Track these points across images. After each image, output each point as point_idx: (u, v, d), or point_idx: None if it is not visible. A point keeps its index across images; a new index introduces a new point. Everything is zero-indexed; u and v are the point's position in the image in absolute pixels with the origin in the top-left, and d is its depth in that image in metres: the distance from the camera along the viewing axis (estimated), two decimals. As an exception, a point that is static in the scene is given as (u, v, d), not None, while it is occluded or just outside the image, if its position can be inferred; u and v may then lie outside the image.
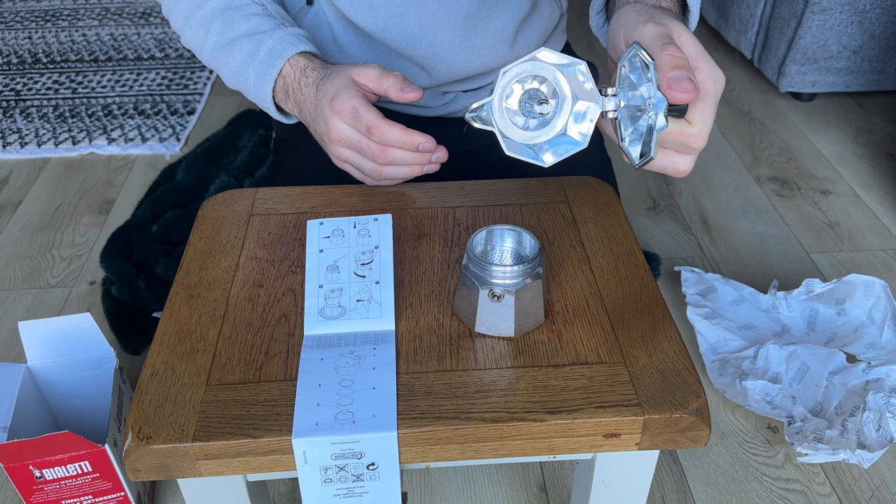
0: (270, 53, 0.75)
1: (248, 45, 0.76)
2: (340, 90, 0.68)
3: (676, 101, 0.53)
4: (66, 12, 2.36)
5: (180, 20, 0.81)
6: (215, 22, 0.78)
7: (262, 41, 0.76)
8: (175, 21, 0.83)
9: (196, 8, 0.79)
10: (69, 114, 1.80)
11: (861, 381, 0.99)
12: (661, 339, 0.59)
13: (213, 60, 0.80)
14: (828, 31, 1.66)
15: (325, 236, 0.64)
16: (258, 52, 0.75)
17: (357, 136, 0.69)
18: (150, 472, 0.53)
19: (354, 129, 0.68)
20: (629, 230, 0.71)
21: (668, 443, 0.54)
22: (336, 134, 0.69)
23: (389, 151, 0.68)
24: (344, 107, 0.68)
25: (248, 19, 0.77)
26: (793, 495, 0.93)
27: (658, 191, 1.53)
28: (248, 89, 0.78)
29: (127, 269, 1.26)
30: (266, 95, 0.76)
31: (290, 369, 0.57)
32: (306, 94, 0.73)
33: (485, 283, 0.57)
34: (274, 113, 0.79)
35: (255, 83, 0.76)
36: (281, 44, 0.75)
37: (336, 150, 0.71)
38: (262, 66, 0.75)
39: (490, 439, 0.53)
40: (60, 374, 0.91)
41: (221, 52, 0.78)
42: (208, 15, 0.79)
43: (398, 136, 0.67)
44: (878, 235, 1.39)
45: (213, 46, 0.79)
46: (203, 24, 0.79)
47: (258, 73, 0.76)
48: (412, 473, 0.95)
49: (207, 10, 0.79)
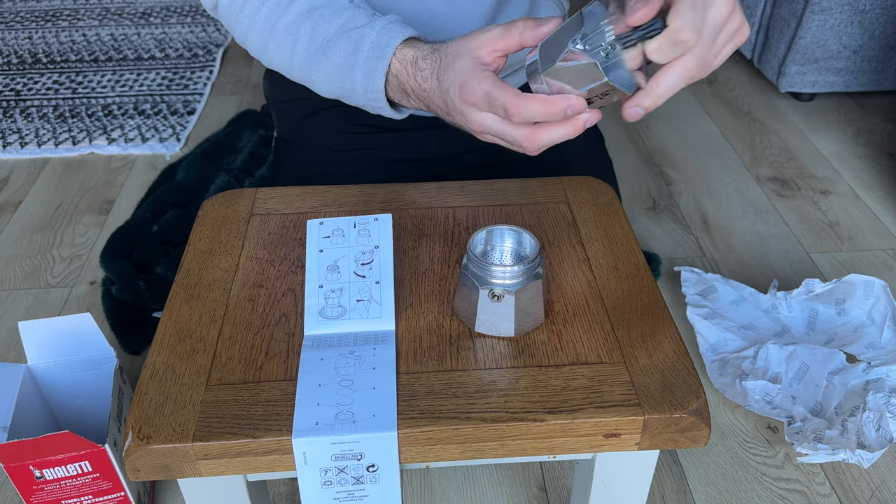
0: (375, 46, 0.67)
1: (347, 44, 0.69)
2: (467, 77, 0.61)
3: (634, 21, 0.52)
4: (66, 12, 2.36)
5: (261, 37, 0.74)
6: (303, 26, 0.71)
7: (364, 35, 0.68)
8: (254, 41, 0.75)
9: (278, 17, 0.72)
10: (69, 114, 1.80)
11: (861, 381, 0.99)
12: (661, 339, 0.59)
13: (307, 69, 0.73)
14: (828, 31, 1.66)
15: (325, 236, 0.64)
16: (361, 49, 0.68)
17: (499, 124, 0.61)
18: (150, 472, 0.53)
19: (493, 113, 0.61)
20: (629, 230, 0.71)
21: (668, 443, 0.54)
22: (478, 126, 0.62)
23: (538, 138, 0.60)
24: (476, 94, 0.60)
25: (339, 14, 0.70)
26: (793, 495, 0.93)
27: (658, 191, 1.53)
28: (353, 92, 0.70)
29: (127, 269, 1.26)
30: (379, 94, 0.69)
31: (290, 369, 0.57)
32: (428, 88, 0.65)
33: (485, 283, 0.57)
34: (388, 111, 0.71)
35: (363, 82, 0.69)
36: (384, 35, 0.67)
37: (484, 139, 0.65)
38: (370, 61, 0.67)
39: (490, 439, 0.53)
40: (60, 374, 0.91)
41: (317, 55, 0.71)
42: (293, 21, 0.72)
43: (539, 108, 0.58)
44: (878, 235, 1.39)
45: (306, 53, 0.71)
46: (289, 33, 0.72)
47: (365, 72, 0.68)
48: (412, 474, 0.95)
49: (291, 16, 0.72)
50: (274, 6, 0.72)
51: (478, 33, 0.61)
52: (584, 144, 0.72)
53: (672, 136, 1.72)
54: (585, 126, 0.60)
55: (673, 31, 0.53)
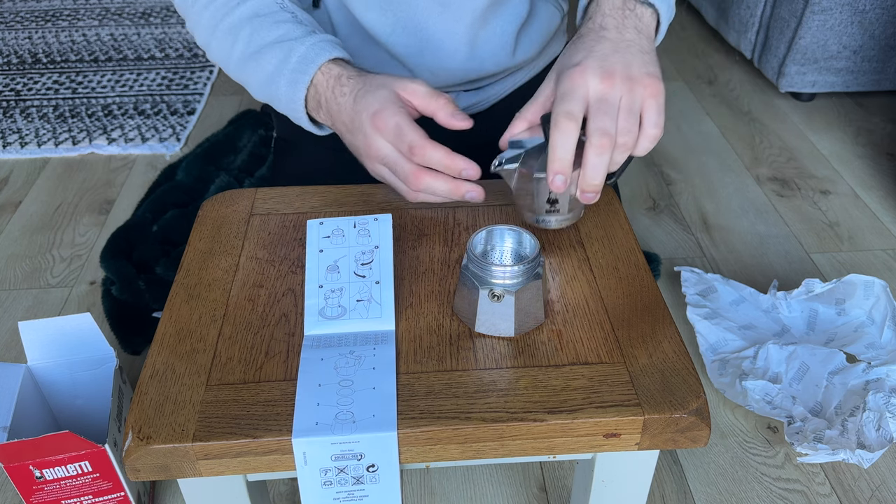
0: (302, 60, 0.71)
1: (279, 53, 0.72)
2: (384, 105, 0.65)
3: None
4: (66, 12, 2.36)
5: (206, 33, 0.78)
6: (243, 30, 0.74)
7: (294, 48, 0.71)
8: (200, 35, 0.79)
9: (222, 17, 0.76)
10: (69, 114, 1.80)
11: (861, 381, 0.99)
12: (661, 339, 0.59)
13: (241, 71, 0.76)
14: (828, 31, 1.66)
15: (325, 236, 0.64)
16: (289, 60, 0.71)
17: (395, 155, 0.65)
18: (150, 472, 0.53)
19: (395, 147, 0.65)
20: (629, 230, 0.71)
21: (668, 443, 0.54)
22: (375, 151, 0.66)
23: (423, 179, 0.64)
24: (387, 124, 0.64)
25: (278, 26, 0.73)
26: (793, 495, 0.93)
27: (658, 191, 1.53)
28: (279, 99, 0.74)
29: (127, 269, 1.26)
30: (299, 105, 0.72)
31: (290, 369, 0.57)
32: (342, 104, 0.69)
33: (485, 283, 0.57)
34: (306, 124, 0.74)
35: (286, 92, 0.72)
36: (313, 50, 0.71)
37: (373, 165, 0.68)
38: (294, 74, 0.71)
39: (490, 439, 0.53)
40: (60, 374, 0.91)
41: (250, 60, 0.74)
42: (235, 24, 0.75)
43: (441, 158, 0.63)
44: (878, 235, 1.39)
45: (241, 56, 0.75)
46: (230, 34, 0.75)
47: (290, 82, 0.71)
48: (412, 474, 0.95)
49: (234, 18, 0.75)
50: (221, 6, 0.75)
51: (408, 79, 0.67)
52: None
53: (672, 136, 1.72)
54: (464, 196, 0.65)
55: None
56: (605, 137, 0.57)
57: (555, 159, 0.58)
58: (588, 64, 0.59)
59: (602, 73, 0.58)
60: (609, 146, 0.58)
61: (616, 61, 0.59)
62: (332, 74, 0.69)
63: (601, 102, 0.58)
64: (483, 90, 0.92)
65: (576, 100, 0.58)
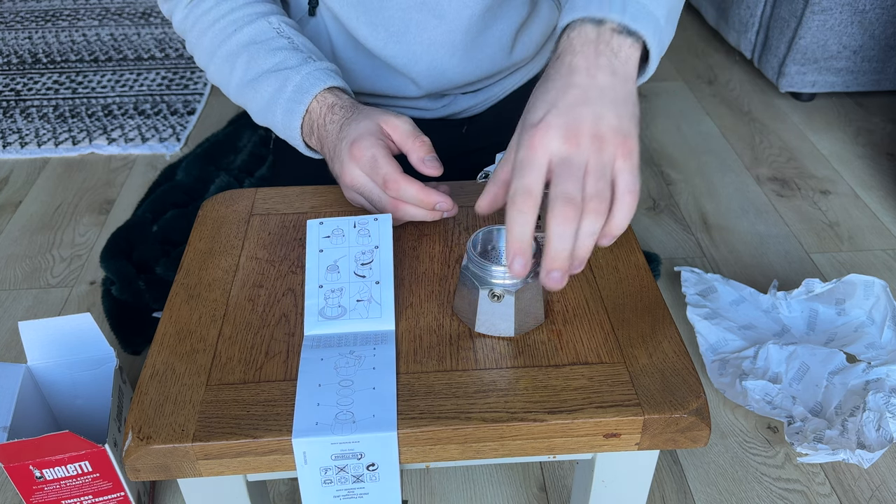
0: (298, 90, 0.72)
1: (275, 82, 0.73)
2: (363, 135, 0.66)
3: None
4: (66, 12, 2.36)
5: (205, 57, 0.79)
6: (240, 58, 0.75)
7: (290, 77, 0.73)
8: (199, 58, 0.80)
9: (220, 44, 0.77)
10: (69, 114, 1.81)
11: (861, 381, 0.99)
12: (661, 339, 0.59)
13: (240, 97, 0.78)
14: (828, 31, 1.66)
15: (325, 236, 0.64)
16: (285, 89, 0.73)
17: (370, 185, 0.66)
18: (150, 472, 0.53)
19: (370, 177, 0.66)
20: (629, 230, 0.71)
21: (668, 443, 0.54)
22: (350, 179, 0.67)
23: (401, 208, 0.66)
24: (363, 154, 0.65)
25: (275, 54, 0.74)
26: (793, 495, 0.93)
27: (658, 191, 1.53)
28: (276, 126, 0.75)
29: (127, 269, 1.26)
30: (295, 133, 0.73)
31: (290, 369, 0.57)
32: (329, 131, 0.70)
33: (485, 283, 0.57)
34: (303, 149, 0.76)
35: (282, 120, 0.74)
36: (308, 80, 0.72)
37: (349, 193, 0.70)
38: (290, 104, 0.72)
39: (490, 439, 0.53)
40: (60, 374, 0.91)
41: (247, 88, 0.75)
42: (233, 51, 0.76)
43: (415, 194, 0.64)
44: (878, 235, 1.39)
45: (239, 83, 0.76)
46: (227, 61, 0.76)
47: (285, 111, 0.73)
48: (412, 473, 0.95)
49: (231, 45, 0.76)
50: (219, 32, 0.77)
51: (394, 115, 0.67)
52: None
53: (672, 136, 1.72)
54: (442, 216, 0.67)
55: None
56: (568, 205, 0.49)
57: (512, 240, 0.51)
58: (550, 122, 0.51)
59: (566, 132, 0.51)
60: (574, 214, 0.50)
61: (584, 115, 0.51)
62: (326, 103, 0.71)
63: (564, 165, 0.50)
64: (481, 92, 0.91)
65: (534, 170, 0.50)
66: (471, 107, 0.92)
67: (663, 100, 1.85)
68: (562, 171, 0.50)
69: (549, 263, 0.51)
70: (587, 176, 0.50)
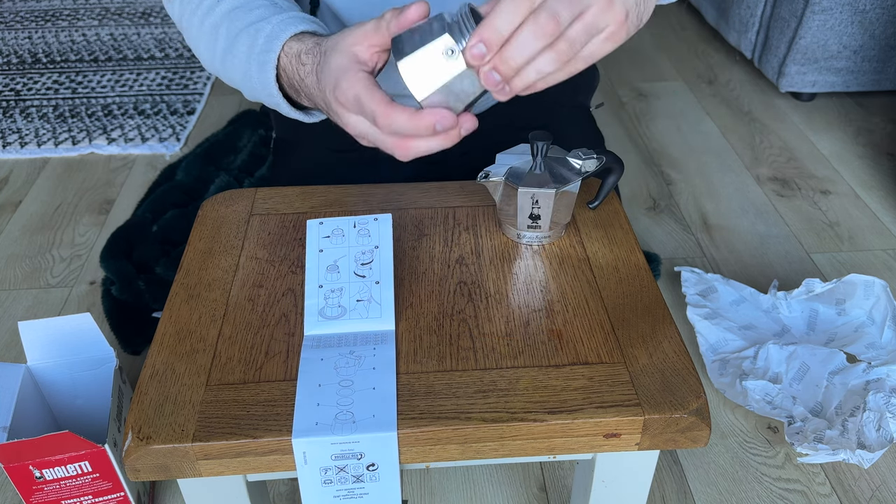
0: (268, 39, 0.64)
1: (248, 38, 0.66)
2: (339, 76, 0.57)
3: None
4: (66, 12, 2.36)
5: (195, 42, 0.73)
6: (222, 25, 0.70)
7: (261, 29, 0.66)
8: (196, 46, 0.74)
9: (204, 18, 0.71)
10: (69, 114, 1.80)
11: (861, 381, 0.99)
12: (661, 339, 0.59)
13: (224, 67, 0.71)
14: (828, 31, 1.66)
15: (325, 236, 0.64)
16: (256, 42, 0.65)
17: (372, 129, 0.57)
18: (150, 472, 0.53)
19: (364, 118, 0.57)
20: (629, 230, 0.71)
21: (668, 443, 0.54)
22: (353, 129, 0.58)
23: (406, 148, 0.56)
24: (347, 97, 0.56)
25: (251, 13, 0.68)
26: (793, 495, 0.93)
27: (658, 191, 1.53)
28: (258, 91, 0.68)
29: (127, 269, 1.26)
30: (273, 90, 0.65)
31: (290, 369, 0.57)
32: (309, 84, 0.62)
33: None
34: (288, 110, 0.68)
35: (259, 80, 0.66)
36: (278, 28, 0.64)
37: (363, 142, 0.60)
38: (261, 55, 0.65)
39: (490, 439, 0.53)
40: (60, 374, 0.91)
41: (228, 53, 0.69)
42: (216, 21, 0.70)
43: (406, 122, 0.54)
44: (878, 235, 1.39)
45: (223, 51, 0.69)
46: (212, 33, 0.71)
47: (259, 66, 0.65)
48: (412, 474, 0.95)
49: (215, 17, 0.70)
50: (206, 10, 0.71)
51: (355, 28, 0.58)
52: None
53: (672, 136, 1.72)
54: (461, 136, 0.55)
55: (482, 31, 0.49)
56: (551, 21, 0.48)
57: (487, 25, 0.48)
58: None
59: None
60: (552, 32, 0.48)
61: None
62: (293, 53, 0.63)
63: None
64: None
65: None
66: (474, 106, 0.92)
67: (663, 100, 1.85)
68: None
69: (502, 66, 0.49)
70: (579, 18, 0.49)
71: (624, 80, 1.94)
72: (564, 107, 0.95)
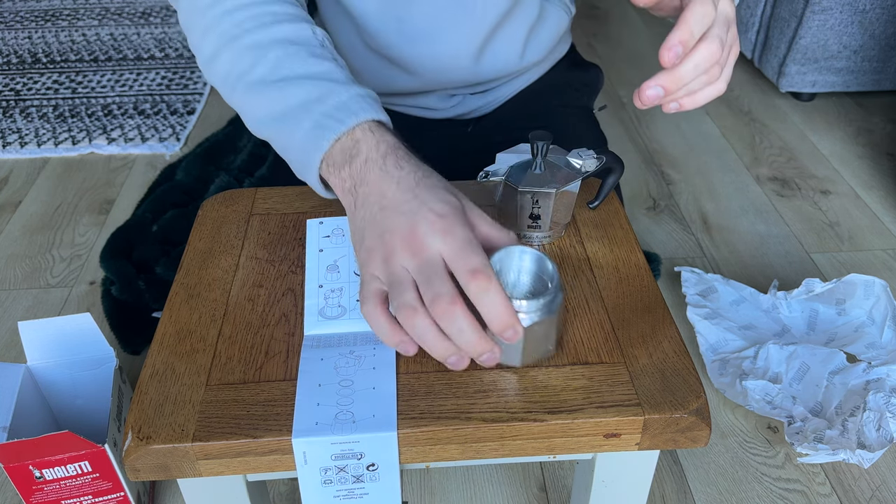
0: (341, 108, 0.57)
1: (313, 90, 0.59)
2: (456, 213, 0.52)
3: None
4: (66, 12, 2.36)
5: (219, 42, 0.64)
6: (272, 52, 0.61)
7: (334, 90, 0.59)
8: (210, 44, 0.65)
9: (248, 31, 0.62)
10: (69, 114, 1.80)
11: (861, 381, 0.99)
12: (661, 339, 0.59)
13: (249, 94, 0.63)
14: (828, 30, 1.66)
15: (325, 236, 0.64)
16: (325, 101, 0.58)
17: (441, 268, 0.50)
18: (150, 472, 0.53)
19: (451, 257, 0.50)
20: (629, 230, 0.71)
21: (669, 443, 0.54)
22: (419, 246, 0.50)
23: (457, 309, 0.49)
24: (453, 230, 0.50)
25: (318, 62, 0.61)
26: (793, 495, 0.93)
27: (658, 191, 1.53)
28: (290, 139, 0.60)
29: (127, 269, 1.26)
30: (316, 153, 0.58)
31: (290, 369, 0.57)
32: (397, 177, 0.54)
33: None
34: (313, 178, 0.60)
35: (305, 135, 0.58)
36: (357, 102, 0.58)
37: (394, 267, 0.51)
38: (325, 119, 0.57)
39: (490, 439, 0.53)
40: (60, 374, 0.91)
41: (270, 87, 0.61)
42: (264, 43, 0.62)
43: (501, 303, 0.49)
44: (878, 235, 1.39)
45: (260, 79, 0.61)
46: (252, 51, 0.62)
47: (316, 125, 0.58)
48: (412, 474, 0.95)
49: (264, 36, 0.62)
50: (249, 18, 0.63)
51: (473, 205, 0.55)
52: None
53: (672, 136, 1.72)
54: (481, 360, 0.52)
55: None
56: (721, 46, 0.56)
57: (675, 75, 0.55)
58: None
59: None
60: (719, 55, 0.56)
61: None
62: (388, 143, 0.56)
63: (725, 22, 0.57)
64: (489, 93, 0.92)
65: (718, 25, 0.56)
66: (479, 107, 0.92)
67: (663, 100, 1.85)
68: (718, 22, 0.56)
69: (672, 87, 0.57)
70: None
71: (624, 81, 1.94)
72: (568, 108, 0.95)
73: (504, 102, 0.93)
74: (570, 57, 1.00)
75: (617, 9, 2.41)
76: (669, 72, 0.55)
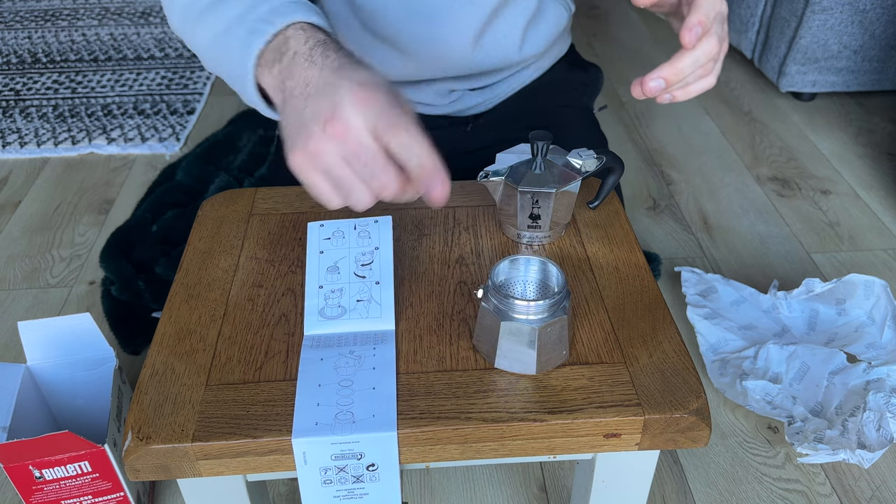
0: (273, 12, 0.57)
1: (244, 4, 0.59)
2: (381, 83, 0.50)
3: None
4: (66, 12, 2.36)
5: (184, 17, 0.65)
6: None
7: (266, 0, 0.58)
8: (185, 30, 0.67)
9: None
10: (69, 114, 1.80)
11: (861, 381, 0.99)
12: (661, 339, 0.59)
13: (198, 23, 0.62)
14: (828, 30, 1.66)
15: (326, 238, 0.64)
16: (258, 9, 0.58)
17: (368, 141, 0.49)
18: (150, 472, 0.53)
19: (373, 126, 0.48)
20: (629, 230, 0.71)
21: (669, 443, 0.54)
22: (342, 127, 0.48)
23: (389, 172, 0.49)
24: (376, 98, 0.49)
25: None
26: (793, 495, 0.93)
27: (658, 191, 1.53)
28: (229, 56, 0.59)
29: (126, 269, 1.26)
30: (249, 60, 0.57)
31: (289, 369, 0.57)
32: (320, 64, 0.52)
33: (506, 316, 0.54)
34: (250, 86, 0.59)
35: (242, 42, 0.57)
36: (289, 6, 0.57)
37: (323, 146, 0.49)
38: (258, 23, 0.57)
39: (490, 439, 0.53)
40: (60, 374, 0.91)
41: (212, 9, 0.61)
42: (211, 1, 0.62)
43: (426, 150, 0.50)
44: (879, 235, 1.39)
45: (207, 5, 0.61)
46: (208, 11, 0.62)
47: (250, 30, 0.57)
48: (412, 474, 0.95)
49: None
50: None
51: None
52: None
53: (672, 136, 1.72)
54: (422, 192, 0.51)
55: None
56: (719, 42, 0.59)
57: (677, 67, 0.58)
58: None
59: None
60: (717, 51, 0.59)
61: None
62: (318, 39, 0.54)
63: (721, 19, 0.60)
64: (488, 89, 0.91)
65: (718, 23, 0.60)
66: (477, 104, 0.92)
67: (663, 100, 1.85)
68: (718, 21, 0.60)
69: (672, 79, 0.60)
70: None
71: (624, 80, 1.94)
72: (568, 108, 0.95)
73: (503, 101, 0.93)
74: (570, 57, 1.00)
75: (617, 8, 2.41)
76: (670, 64, 0.58)
